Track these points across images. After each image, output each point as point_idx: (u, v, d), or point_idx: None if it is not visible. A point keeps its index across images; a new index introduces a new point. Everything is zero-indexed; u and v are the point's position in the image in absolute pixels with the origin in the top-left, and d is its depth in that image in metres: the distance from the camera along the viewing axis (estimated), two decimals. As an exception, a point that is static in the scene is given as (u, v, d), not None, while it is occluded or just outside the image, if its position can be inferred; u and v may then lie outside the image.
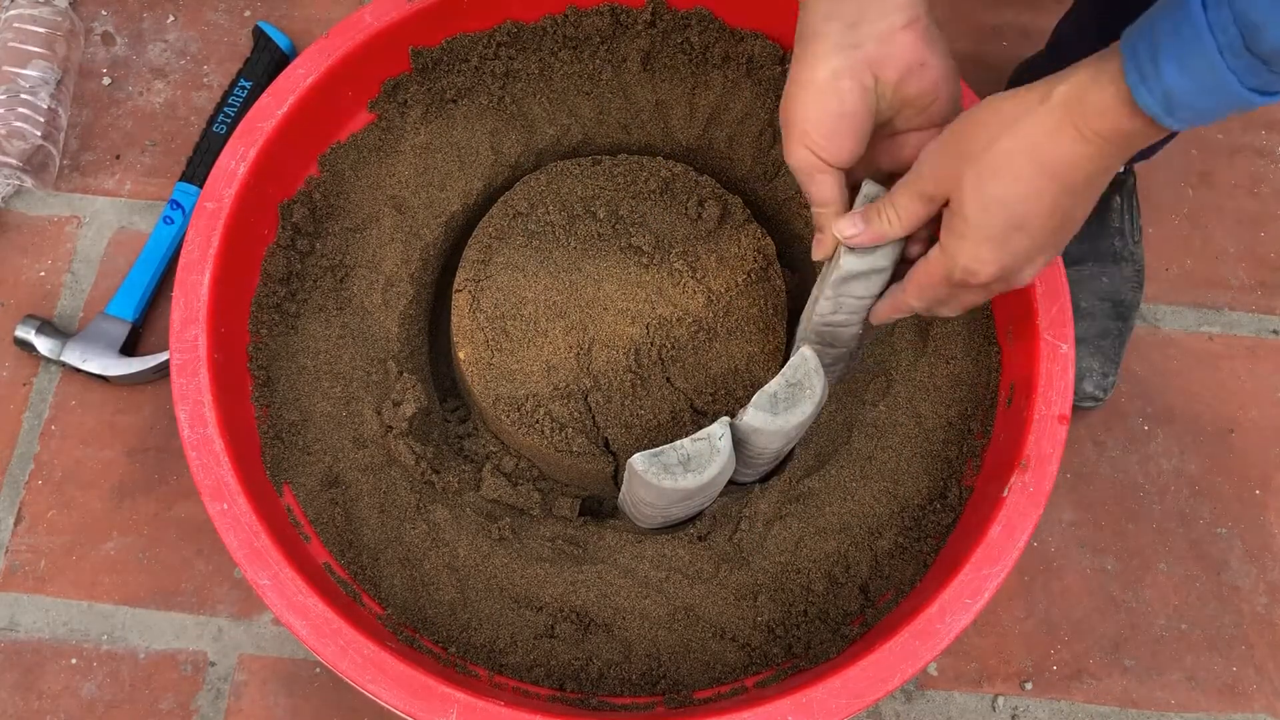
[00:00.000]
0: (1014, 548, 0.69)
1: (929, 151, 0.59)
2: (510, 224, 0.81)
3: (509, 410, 0.76)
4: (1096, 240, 0.92)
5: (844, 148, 0.61)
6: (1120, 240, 0.93)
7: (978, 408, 0.80)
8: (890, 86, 0.60)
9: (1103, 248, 0.92)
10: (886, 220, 0.62)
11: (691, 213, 0.82)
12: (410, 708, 0.64)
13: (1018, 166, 0.54)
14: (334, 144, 0.85)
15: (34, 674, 0.83)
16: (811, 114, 0.61)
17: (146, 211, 0.99)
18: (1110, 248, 0.92)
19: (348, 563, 0.74)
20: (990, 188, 0.55)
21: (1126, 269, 0.93)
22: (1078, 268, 0.91)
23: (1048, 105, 0.53)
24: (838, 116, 0.60)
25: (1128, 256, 0.93)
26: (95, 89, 1.04)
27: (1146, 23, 0.49)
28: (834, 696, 0.64)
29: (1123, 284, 0.92)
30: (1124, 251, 0.93)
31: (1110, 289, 0.92)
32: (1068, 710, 0.85)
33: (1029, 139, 0.54)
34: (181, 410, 0.71)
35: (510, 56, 0.88)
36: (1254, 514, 0.92)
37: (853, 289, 0.67)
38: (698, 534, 0.76)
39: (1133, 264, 0.93)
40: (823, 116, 0.60)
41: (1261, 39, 0.44)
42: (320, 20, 1.07)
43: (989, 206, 0.56)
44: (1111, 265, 0.92)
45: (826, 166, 0.62)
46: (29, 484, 0.89)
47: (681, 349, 0.78)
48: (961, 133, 0.57)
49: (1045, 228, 0.57)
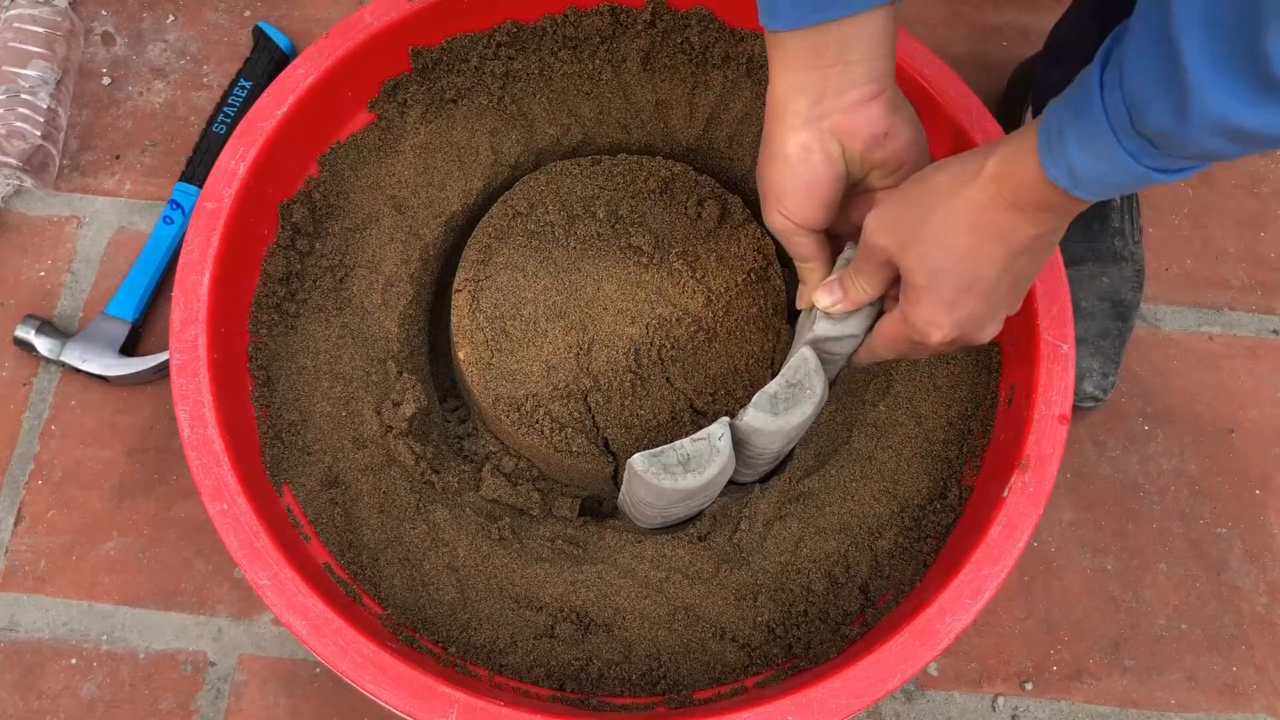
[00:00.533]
0: (1014, 548, 0.69)
1: (871, 226, 0.61)
2: (510, 224, 0.81)
3: (508, 410, 0.76)
4: (1096, 240, 0.93)
5: (815, 214, 0.64)
6: (1120, 240, 0.93)
7: (978, 408, 0.80)
8: (857, 154, 0.62)
9: (1102, 248, 0.93)
10: (859, 288, 0.65)
11: (691, 212, 0.82)
12: (410, 708, 0.64)
13: (958, 237, 0.56)
14: (334, 144, 0.85)
15: (34, 674, 0.83)
16: (785, 185, 0.63)
17: (146, 211, 0.99)
18: (1110, 248, 0.93)
19: (347, 563, 0.74)
20: (934, 259, 0.58)
21: (1127, 269, 0.93)
22: (1078, 268, 0.92)
23: (980, 180, 0.55)
24: (808, 186, 0.63)
25: (1128, 256, 0.93)
26: (95, 89, 1.04)
27: (1059, 99, 0.51)
28: (834, 696, 0.64)
29: (1123, 284, 0.92)
30: (1124, 251, 0.93)
31: (1110, 289, 0.92)
32: (1068, 710, 0.85)
33: (966, 212, 0.56)
34: (181, 410, 0.71)
35: (510, 56, 0.88)
36: (1254, 514, 0.92)
37: (829, 346, 0.69)
38: (698, 534, 0.76)
39: (1133, 264, 0.93)
40: (795, 186, 0.63)
41: (1146, 119, 0.45)
42: (320, 20, 1.07)
43: (935, 275, 0.58)
44: (1111, 265, 0.92)
45: (801, 229, 0.65)
46: (29, 484, 0.89)
47: (681, 349, 0.78)
48: (901, 206, 0.59)
49: (997, 288, 0.59)
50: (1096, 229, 0.93)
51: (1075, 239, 0.92)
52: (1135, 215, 0.94)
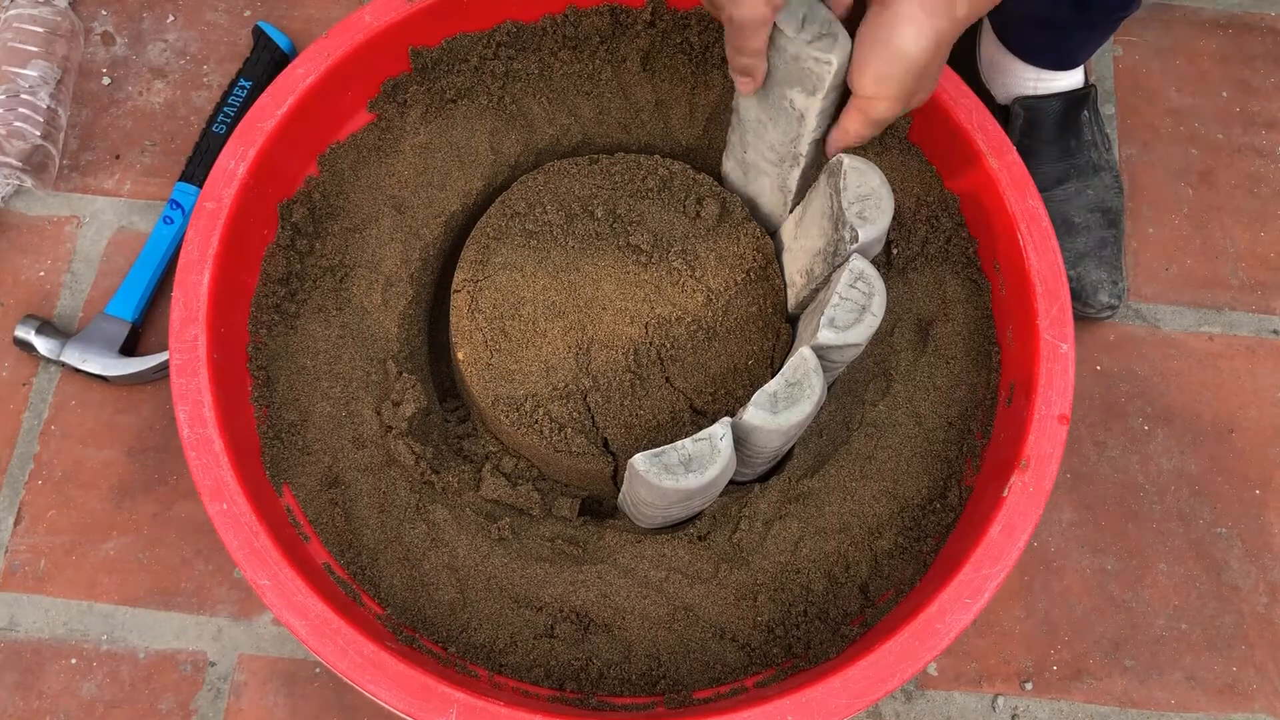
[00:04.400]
0: (1014, 548, 0.69)
1: None
2: (508, 224, 0.81)
3: (508, 410, 0.76)
4: (1074, 156, 0.97)
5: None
6: (1095, 151, 0.97)
7: (978, 408, 0.80)
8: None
9: (1081, 162, 0.97)
10: None
11: (690, 211, 0.82)
12: (410, 708, 0.64)
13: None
14: (334, 144, 0.85)
15: (34, 674, 0.83)
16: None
17: (146, 211, 0.99)
18: (1088, 160, 0.97)
19: (347, 563, 0.74)
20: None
21: (1106, 177, 0.97)
22: (1063, 186, 0.96)
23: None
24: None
25: (1105, 165, 0.97)
26: (95, 89, 1.04)
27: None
28: (834, 696, 0.64)
29: (1106, 192, 0.97)
30: (1100, 161, 0.97)
31: (1097, 199, 0.96)
32: (1068, 710, 0.85)
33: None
34: (181, 410, 0.71)
35: (510, 56, 0.88)
36: (1254, 514, 0.92)
37: (831, 355, 0.69)
38: (697, 534, 0.76)
39: (1110, 171, 0.98)
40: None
41: None
42: (320, 20, 1.07)
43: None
44: (1093, 176, 0.97)
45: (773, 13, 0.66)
46: (29, 484, 0.89)
47: (681, 348, 0.78)
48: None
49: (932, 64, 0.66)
50: (1072, 145, 0.97)
51: (1054, 159, 0.96)
52: (1103, 125, 0.99)
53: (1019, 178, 0.80)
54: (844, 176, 0.69)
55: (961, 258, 0.84)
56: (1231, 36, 1.11)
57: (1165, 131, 1.06)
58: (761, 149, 0.78)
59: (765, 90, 0.73)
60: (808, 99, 0.70)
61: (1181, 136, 1.06)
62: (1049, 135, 0.96)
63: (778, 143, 0.76)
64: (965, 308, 0.83)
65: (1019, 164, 0.80)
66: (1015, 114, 0.97)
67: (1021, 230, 0.78)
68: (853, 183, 0.69)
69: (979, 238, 0.84)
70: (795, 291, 0.79)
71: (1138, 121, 1.06)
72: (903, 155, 0.86)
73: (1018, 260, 0.78)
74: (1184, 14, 1.12)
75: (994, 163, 0.80)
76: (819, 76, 0.68)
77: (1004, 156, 0.80)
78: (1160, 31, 1.11)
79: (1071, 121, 0.96)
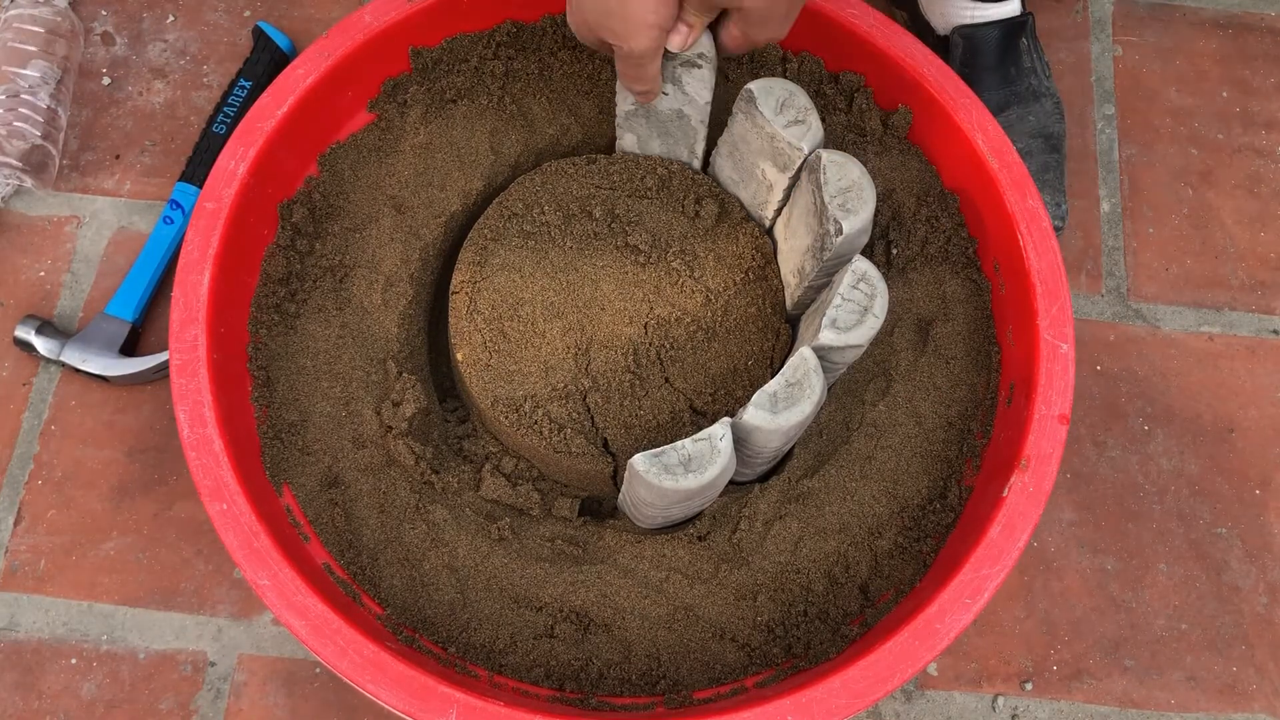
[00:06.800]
0: (1014, 548, 0.69)
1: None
2: (506, 225, 0.81)
3: (507, 411, 0.76)
4: (1015, 84, 0.98)
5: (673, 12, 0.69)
6: (1035, 78, 0.98)
7: (978, 408, 0.80)
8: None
9: (1021, 89, 0.98)
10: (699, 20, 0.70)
11: (689, 211, 0.82)
12: (410, 708, 0.64)
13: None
14: (334, 144, 0.85)
15: (34, 674, 0.83)
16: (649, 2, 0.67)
17: (146, 211, 0.99)
18: (1029, 87, 0.98)
19: (347, 563, 0.74)
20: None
21: (1047, 103, 0.98)
22: (1005, 114, 0.97)
23: None
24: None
25: (1045, 92, 0.98)
26: (95, 89, 1.04)
27: None
28: (834, 696, 0.64)
29: (1047, 118, 0.98)
30: (1040, 88, 0.98)
31: (1039, 125, 0.97)
32: (1068, 710, 0.85)
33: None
34: (181, 410, 0.71)
35: (510, 56, 0.88)
36: (1254, 514, 0.92)
37: (832, 356, 0.70)
38: (697, 534, 0.76)
39: (1051, 98, 0.99)
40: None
41: None
42: (320, 20, 1.07)
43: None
44: (1034, 103, 0.98)
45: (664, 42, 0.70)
46: (29, 484, 0.89)
47: (680, 349, 0.78)
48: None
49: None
50: (1013, 73, 0.98)
51: (995, 86, 0.98)
52: (1041, 52, 1.00)
53: (1019, 178, 0.80)
54: (823, 171, 0.70)
55: (961, 258, 0.84)
56: (1231, 36, 1.11)
57: (1165, 131, 1.06)
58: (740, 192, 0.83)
59: (739, 155, 0.78)
60: (778, 174, 0.76)
61: (1181, 136, 1.06)
62: (989, 63, 0.97)
63: (747, 200, 0.81)
64: (965, 308, 0.83)
65: (1019, 164, 0.80)
66: (954, 43, 0.98)
67: (1021, 230, 0.78)
68: (833, 176, 0.70)
69: (979, 238, 0.84)
70: (790, 292, 0.79)
71: (1138, 121, 1.06)
72: (903, 155, 0.86)
73: (1018, 260, 0.78)
74: (1184, 14, 1.12)
75: (994, 163, 0.80)
76: (790, 158, 0.74)
77: (1004, 156, 0.80)
78: (1160, 31, 1.11)
79: (1011, 49, 0.98)
